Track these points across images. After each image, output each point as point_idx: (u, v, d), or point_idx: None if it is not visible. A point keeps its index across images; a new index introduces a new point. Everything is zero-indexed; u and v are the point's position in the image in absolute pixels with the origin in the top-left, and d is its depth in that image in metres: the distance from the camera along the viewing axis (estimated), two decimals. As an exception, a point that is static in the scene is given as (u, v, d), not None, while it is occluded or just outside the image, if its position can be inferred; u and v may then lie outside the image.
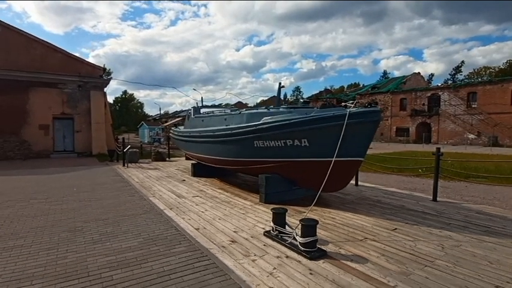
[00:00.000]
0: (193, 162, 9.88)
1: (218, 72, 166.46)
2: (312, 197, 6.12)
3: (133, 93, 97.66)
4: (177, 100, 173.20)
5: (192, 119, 9.68)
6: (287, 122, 5.63)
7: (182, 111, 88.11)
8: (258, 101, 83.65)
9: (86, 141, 19.68)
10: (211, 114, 8.97)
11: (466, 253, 3.80)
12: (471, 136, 32.89)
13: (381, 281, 3.10)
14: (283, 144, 5.85)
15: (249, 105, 63.71)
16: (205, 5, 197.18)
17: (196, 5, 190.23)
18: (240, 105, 60.37)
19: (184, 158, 15.25)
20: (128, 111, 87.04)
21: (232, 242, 4.17)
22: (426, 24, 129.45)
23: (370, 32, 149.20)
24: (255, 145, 6.27)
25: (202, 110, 9.96)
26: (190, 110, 10.44)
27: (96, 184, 8.55)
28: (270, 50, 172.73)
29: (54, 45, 19.54)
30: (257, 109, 7.38)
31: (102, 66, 21.94)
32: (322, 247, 3.85)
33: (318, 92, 60.29)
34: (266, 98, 73.93)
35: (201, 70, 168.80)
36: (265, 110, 6.66)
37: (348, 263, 3.51)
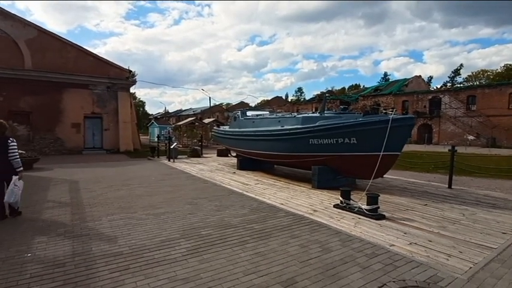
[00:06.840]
0: (239, 157, 11.52)
1: (219, 72, 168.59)
2: (351, 184, 8.08)
3: (134, 92, 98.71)
4: (177, 99, 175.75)
5: (241, 120, 11.33)
6: (342, 124, 7.30)
7: (182, 110, 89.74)
8: (259, 100, 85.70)
9: (114, 139, 21.39)
10: (261, 116, 10.62)
11: (480, 218, 5.50)
12: (470, 137, 34.77)
13: (427, 230, 4.79)
14: (334, 142, 7.52)
15: (249, 105, 65.61)
16: (209, 5, 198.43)
17: (200, 4, 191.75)
18: (242, 105, 62.33)
19: (215, 154, 16.89)
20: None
21: (314, 211, 5.83)
22: (427, 26, 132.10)
23: (371, 34, 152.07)
24: (310, 142, 7.94)
25: (248, 113, 11.60)
26: (238, 112, 12.11)
27: (165, 174, 10.18)
28: (272, 50, 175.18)
29: (85, 49, 21.20)
30: (307, 113, 9.06)
31: (128, 68, 23.44)
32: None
33: (320, 92, 62.47)
34: (269, 98, 76.24)
35: (202, 69, 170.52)
36: (318, 115, 8.34)
37: (402, 221, 5.20)
